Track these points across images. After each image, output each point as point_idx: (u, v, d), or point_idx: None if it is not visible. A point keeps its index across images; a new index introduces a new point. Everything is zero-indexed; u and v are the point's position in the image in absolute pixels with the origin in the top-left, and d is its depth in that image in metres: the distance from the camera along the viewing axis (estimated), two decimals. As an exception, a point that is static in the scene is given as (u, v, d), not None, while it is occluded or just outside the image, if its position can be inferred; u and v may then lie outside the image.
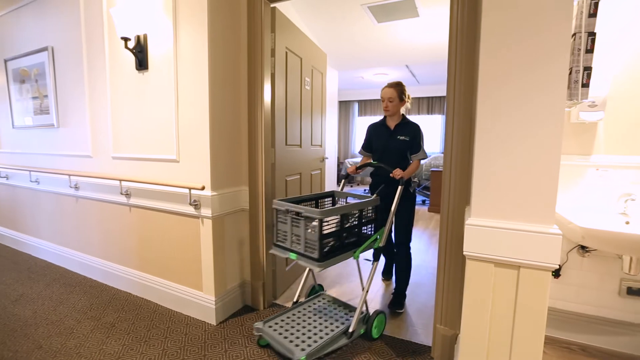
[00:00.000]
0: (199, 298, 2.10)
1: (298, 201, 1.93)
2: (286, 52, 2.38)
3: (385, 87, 2.24)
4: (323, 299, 2.17)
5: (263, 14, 2.08)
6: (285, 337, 1.72)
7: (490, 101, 1.20)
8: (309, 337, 1.73)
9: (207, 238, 2.00)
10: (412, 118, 2.77)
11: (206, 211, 1.96)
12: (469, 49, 1.50)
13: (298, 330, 1.79)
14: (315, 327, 1.83)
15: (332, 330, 1.79)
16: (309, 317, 1.93)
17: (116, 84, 2.34)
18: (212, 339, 1.92)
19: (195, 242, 2.08)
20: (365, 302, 1.92)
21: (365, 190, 7.22)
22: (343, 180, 2.37)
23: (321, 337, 1.72)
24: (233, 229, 2.16)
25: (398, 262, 2.38)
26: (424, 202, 6.26)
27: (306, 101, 2.79)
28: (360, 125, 8.86)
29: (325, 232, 1.64)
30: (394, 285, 2.47)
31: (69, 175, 2.70)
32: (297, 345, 1.65)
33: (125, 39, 2.09)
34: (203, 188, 1.89)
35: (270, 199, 2.26)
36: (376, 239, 1.93)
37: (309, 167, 2.92)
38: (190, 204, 1.99)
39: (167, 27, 2.03)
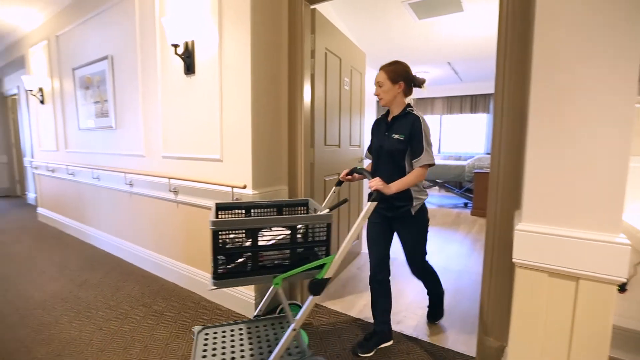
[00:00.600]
0: (239, 292, 2.18)
1: (250, 207, 1.69)
2: (325, 53, 2.39)
3: None
4: (280, 323, 1.81)
5: (303, 16, 2.11)
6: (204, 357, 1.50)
7: (545, 96, 1.12)
8: None
9: (248, 235, 2.07)
10: (455, 117, 2.61)
11: (248, 209, 2.03)
12: (520, 41, 1.41)
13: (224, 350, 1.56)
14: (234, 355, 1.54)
15: None
16: (240, 340, 1.65)
17: (166, 88, 2.50)
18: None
19: (236, 238, 2.16)
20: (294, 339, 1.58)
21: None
22: (334, 187, 1.86)
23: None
24: (272, 227, 2.22)
25: (423, 282, 2.10)
26: (466, 205, 5.98)
27: (345, 101, 2.79)
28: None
29: (226, 245, 1.37)
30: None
31: (125, 173, 2.93)
32: None
33: (175, 46, 2.22)
34: (245, 187, 1.96)
35: (310, 198, 2.28)
36: (321, 266, 1.44)
37: (347, 167, 2.90)
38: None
39: (212, 33, 2.12)
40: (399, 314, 2.22)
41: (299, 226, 1.47)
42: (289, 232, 1.40)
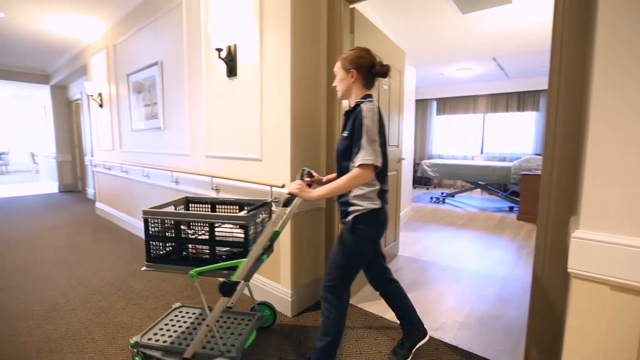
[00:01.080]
0: (276, 290, 2.23)
1: (216, 203, 1.84)
2: (364, 52, 2.36)
3: None
4: (243, 319, 1.87)
5: (342, 16, 2.11)
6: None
7: (612, 85, 1.01)
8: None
9: (286, 233, 2.11)
10: (500, 116, 2.43)
11: (286, 208, 2.07)
12: (580, 30, 1.30)
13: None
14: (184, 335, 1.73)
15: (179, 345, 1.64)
16: (199, 324, 1.82)
17: (210, 90, 2.62)
18: (288, 329, 2.02)
19: (274, 236, 2.21)
20: (210, 335, 1.67)
21: (441, 193, 6.78)
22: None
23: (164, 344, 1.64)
24: (310, 227, 2.24)
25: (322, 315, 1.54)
26: (511, 209, 5.63)
27: (383, 101, 2.74)
28: (439, 125, 8.37)
29: (155, 234, 1.54)
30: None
31: (171, 171, 3.11)
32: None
33: (219, 50, 2.32)
34: (283, 186, 2.00)
35: (345, 199, 2.28)
36: (233, 268, 1.44)
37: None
38: (272, 201, 2.12)
39: (253, 36, 2.19)
40: (437, 320, 2.14)
41: (223, 225, 1.54)
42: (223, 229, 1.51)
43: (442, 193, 6.77)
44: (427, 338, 1.80)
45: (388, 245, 3.07)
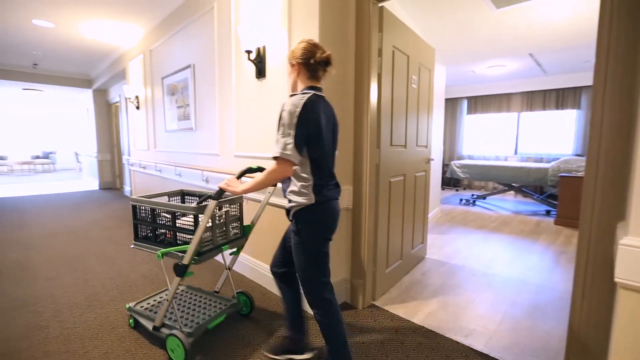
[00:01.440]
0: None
1: (202, 195, 2.14)
2: (393, 51, 2.33)
3: None
4: (217, 302, 2.11)
5: (371, 15, 2.09)
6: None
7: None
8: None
9: (312, 233, 2.12)
10: (536, 115, 2.32)
11: (312, 208, 2.08)
12: (630, 20, 1.20)
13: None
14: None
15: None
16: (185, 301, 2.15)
17: (239, 92, 2.68)
18: (316, 328, 2.02)
19: (301, 236, 2.22)
20: (170, 310, 2.00)
21: (471, 195, 6.54)
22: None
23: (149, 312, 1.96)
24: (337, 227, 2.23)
25: (318, 323, 1.53)
26: (548, 212, 5.33)
27: (412, 100, 2.69)
28: (469, 125, 8.08)
29: (141, 218, 1.92)
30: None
31: (202, 170, 3.22)
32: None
33: (248, 52, 2.37)
34: (311, 186, 2.01)
35: (374, 200, 2.26)
36: (183, 252, 1.67)
37: (413, 169, 2.81)
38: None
39: (282, 37, 2.22)
40: (467, 326, 2.07)
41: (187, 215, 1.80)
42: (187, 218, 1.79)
43: (473, 195, 6.53)
44: (303, 356, 1.73)
45: (415, 247, 3.01)
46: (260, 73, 2.42)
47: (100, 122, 7.99)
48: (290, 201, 1.47)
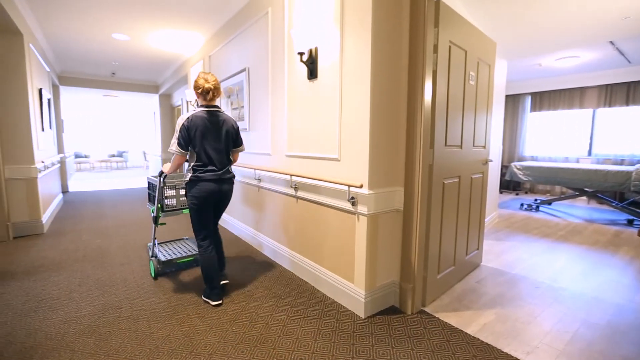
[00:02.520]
0: (350, 289, 2.24)
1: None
2: (449, 47, 2.22)
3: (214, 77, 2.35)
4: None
5: (426, 10, 2.01)
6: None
7: None
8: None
9: (362, 234, 2.10)
10: (615, 111, 2.07)
11: (362, 208, 2.06)
12: None
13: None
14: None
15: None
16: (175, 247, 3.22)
17: (291, 93, 2.75)
18: (360, 330, 2.01)
19: (350, 236, 2.22)
20: (153, 247, 2.89)
21: (534, 200, 5.98)
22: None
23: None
24: (386, 229, 2.19)
25: None
26: (631, 222, 4.69)
27: (469, 98, 2.54)
28: (532, 123, 7.41)
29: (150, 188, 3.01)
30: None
31: (255, 169, 3.36)
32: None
33: (301, 54, 2.42)
34: (361, 186, 1.99)
35: (426, 202, 2.17)
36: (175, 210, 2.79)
37: (469, 170, 2.65)
38: (348, 200, 2.14)
39: (334, 37, 2.23)
40: (529, 342, 1.90)
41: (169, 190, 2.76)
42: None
43: (536, 200, 5.98)
44: (213, 301, 2.35)
45: (470, 253, 2.84)
46: (312, 74, 2.45)
47: (165, 124, 8.74)
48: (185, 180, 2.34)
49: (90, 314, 2.19)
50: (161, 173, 2.60)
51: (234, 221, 4.12)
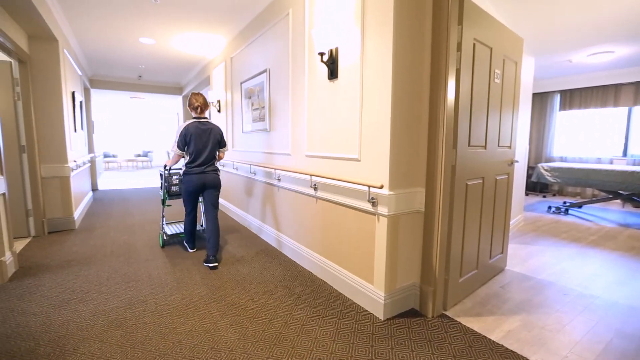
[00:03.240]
0: (369, 290, 2.22)
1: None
2: (474, 44, 2.16)
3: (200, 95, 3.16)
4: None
5: (450, 7, 1.96)
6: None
7: None
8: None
9: (382, 235, 2.08)
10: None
11: (382, 209, 2.04)
12: None
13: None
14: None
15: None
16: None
17: (312, 93, 2.76)
18: (379, 332, 1.99)
19: (369, 237, 2.20)
20: (162, 224, 3.79)
21: (563, 203, 5.73)
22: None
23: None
24: (406, 230, 2.16)
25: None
26: (669, 227, 4.40)
27: (494, 96, 2.46)
28: (561, 122, 7.10)
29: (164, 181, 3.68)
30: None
31: (274, 169, 3.39)
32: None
33: (321, 54, 2.42)
34: (382, 187, 1.97)
35: (449, 203, 2.12)
36: (173, 195, 3.73)
37: (493, 171, 2.57)
38: (368, 201, 2.12)
39: (355, 37, 2.22)
40: (557, 352, 1.82)
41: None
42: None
43: (565, 202, 5.73)
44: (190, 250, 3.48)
45: (494, 257, 2.75)
46: (333, 74, 2.45)
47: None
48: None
49: (118, 307, 2.28)
50: (165, 166, 3.46)
51: (254, 220, 4.18)
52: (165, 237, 3.64)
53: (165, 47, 5.38)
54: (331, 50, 2.44)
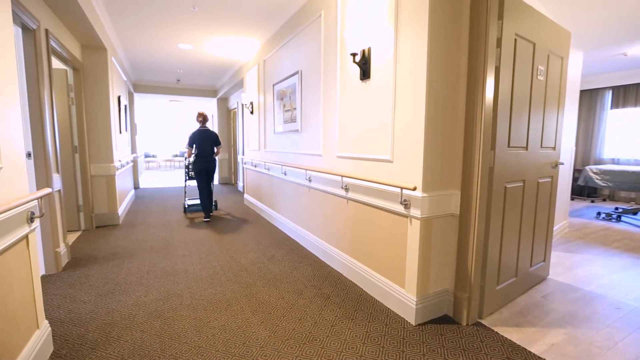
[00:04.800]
0: (400, 294, 2.17)
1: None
2: (515, 40, 2.05)
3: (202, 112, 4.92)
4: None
5: (490, 2, 1.87)
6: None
7: None
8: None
9: (414, 238, 2.03)
10: None
11: (415, 211, 1.99)
12: None
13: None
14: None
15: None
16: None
17: (343, 94, 2.75)
18: (410, 338, 1.94)
19: (401, 239, 2.15)
20: (184, 198, 5.99)
21: (615, 209, 5.28)
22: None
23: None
24: (440, 234, 2.09)
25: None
26: None
27: (537, 94, 2.32)
28: (613, 121, 6.54)
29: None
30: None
31: (305, 169, 3.42)
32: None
33: (353, 55, 2.41)
34: (415, 189, 1.92)
35: (485, 207, 2.03)
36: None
37: (536, 174, 2.43)
38: (401, 203, 2.08)
39: (388, 37, 2.18)
40: (609, 370, 1.68)
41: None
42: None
43: (617, 208, 5.27)
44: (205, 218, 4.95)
45: (535, 265, 2.59)
46: (365, 74, 2.43)
47: (222, 126, 9.30)
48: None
49: (157, 299, 2.41)
50: (186, 158, 5.29)
51: (284, 220, 4.24)
52: (185, 206, 5.46)
53: (201, 52, 5.61)
54: (363, 51, 2.43)
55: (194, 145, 4.76)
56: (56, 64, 3.86)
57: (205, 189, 4.90)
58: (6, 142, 1.46)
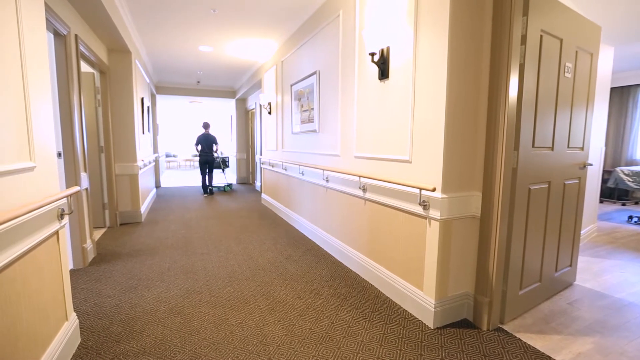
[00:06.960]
0: (418, 297, 2.14)
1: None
2: (541, 36, 1.98)
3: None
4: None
5: (514, -3, 1.82)
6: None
7: None
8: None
9: (433, 240, 1.99)
10: None
11: (435, 213, 1.96)
12: None
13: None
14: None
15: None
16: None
17: (361, 94, 2.74)
18: (429, 341, 1.90)
19: (420, 241, 2.12)
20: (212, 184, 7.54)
21: (648, 212, 5.00)
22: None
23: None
24: (460, 236, 2.04)
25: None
26: None
27: (564, 92, 2.23)
28: (646, 119, 6.20)
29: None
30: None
31: (323, 170, 3.42)
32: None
33: (372, 54, 2.39)
34: (434, 189, 1.89)
35: (508, 209, 1.97)
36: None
37: (561, 175, 2.34)
38: (420, 204, 2.05)
39: (407, 36, 2.15)
40: (642, 383, 1.59)
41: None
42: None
43: (650, 212, 5.00)
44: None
45: (560, 270, 2.49)
46: (383, 74, 2.41)
47: (240, 126, 9.44)
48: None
49: (177, 295, 2.47)
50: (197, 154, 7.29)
51: (301, 220, 4.26)
52: (205, 187, 7.34)
53: (221, 54, 5.71)
54: (382, 50, 2.41)
55: (199, 145, 7.27)
56: (84, 67, 4.02)
57: (205, 174, 7.34)
58: (40, 142, 1.54)
